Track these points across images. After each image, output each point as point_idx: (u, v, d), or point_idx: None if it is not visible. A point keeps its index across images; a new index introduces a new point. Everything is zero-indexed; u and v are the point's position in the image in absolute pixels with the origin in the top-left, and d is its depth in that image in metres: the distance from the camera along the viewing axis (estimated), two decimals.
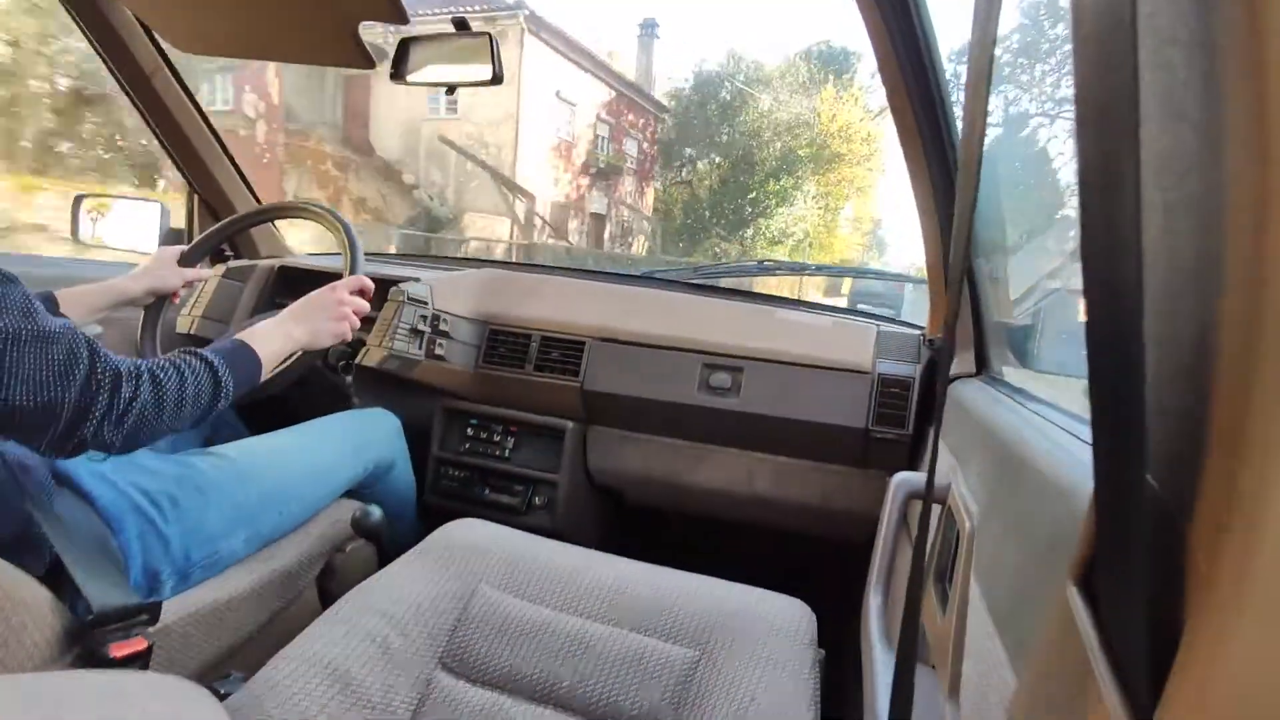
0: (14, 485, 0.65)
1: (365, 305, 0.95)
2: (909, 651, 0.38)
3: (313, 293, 0.91)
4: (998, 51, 0.35)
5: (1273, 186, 0.17)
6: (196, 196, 1.42)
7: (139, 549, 0.73)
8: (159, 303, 1.08)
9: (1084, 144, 0.25)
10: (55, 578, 0.63)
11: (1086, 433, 0.46)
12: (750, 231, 17.53)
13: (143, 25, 1.16)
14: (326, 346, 0.91)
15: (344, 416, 1.14)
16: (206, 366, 0.71)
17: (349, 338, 0.93)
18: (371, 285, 0.96)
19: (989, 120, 0.37)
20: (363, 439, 1.10)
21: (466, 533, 0.83)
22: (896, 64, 0.79)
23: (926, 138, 0.86)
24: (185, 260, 1.07)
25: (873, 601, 0.77)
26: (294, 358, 0.94)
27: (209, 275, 1.13)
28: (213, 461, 0.85)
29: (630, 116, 18.00)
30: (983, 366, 0.96)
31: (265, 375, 0.80)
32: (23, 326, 0.56)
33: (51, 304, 0.89)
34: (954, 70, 0.85)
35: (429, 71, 1.09)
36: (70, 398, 0.58)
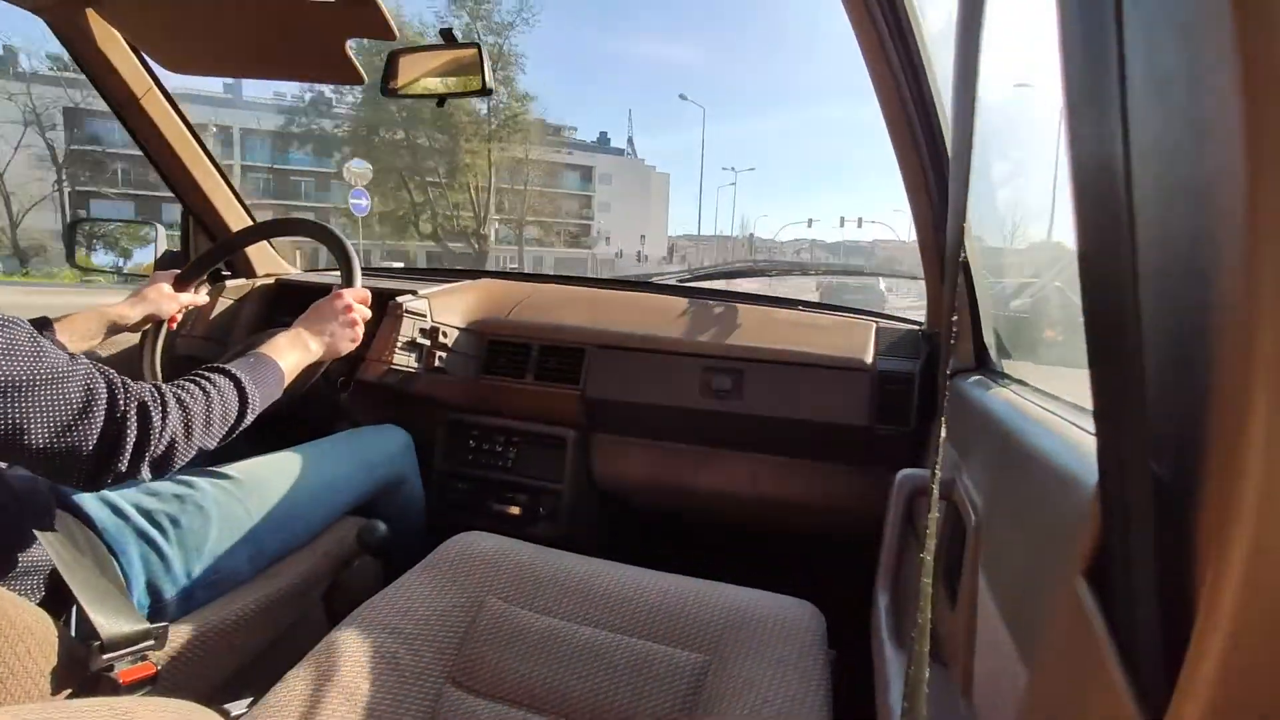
0: (16, 509, 0.64)
1: (368, 313, 0.96)
2: (920, 650, 0.38)
3: (317, 303, 0.92)
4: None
5: (1259, 172, 0.17)
6: (192, 217, 1.42)
7: (141, 570, 0.73)
8: (156, 327, 1.08)
9: (1075, 131, 0.25)
10: (58, 603, 0.63)
11: (1089, 423, 0.46)
12: None
13: (132, 47, 1.16)
14: (343, 354, 0.92)
15: (354, 433, 1.13)
16: (230, 381, 0.70)
17: (359, 341, 0.94)
18: (369, 295, 0.97)
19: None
20: (372, 456, 1.09)
21: (472, 545, 0.83)
22: (884, 58, 0.79)
23: (918, 131, 0.86)
24: (180, 284, 1.06)
25: (881, 600, 0.77)
26: (320, 369, 0.95)
27: (203, 301, 1.14)
28: (214, 481, 0.84)
29: None
30: (982, 360, 0.96)
31: (285, 386, 0.80)
32: (34, 370, 0.55)
33: (48, 330, 0.88)
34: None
35: (419, 84, 1.09)
36: (94, 434, 0.57)
